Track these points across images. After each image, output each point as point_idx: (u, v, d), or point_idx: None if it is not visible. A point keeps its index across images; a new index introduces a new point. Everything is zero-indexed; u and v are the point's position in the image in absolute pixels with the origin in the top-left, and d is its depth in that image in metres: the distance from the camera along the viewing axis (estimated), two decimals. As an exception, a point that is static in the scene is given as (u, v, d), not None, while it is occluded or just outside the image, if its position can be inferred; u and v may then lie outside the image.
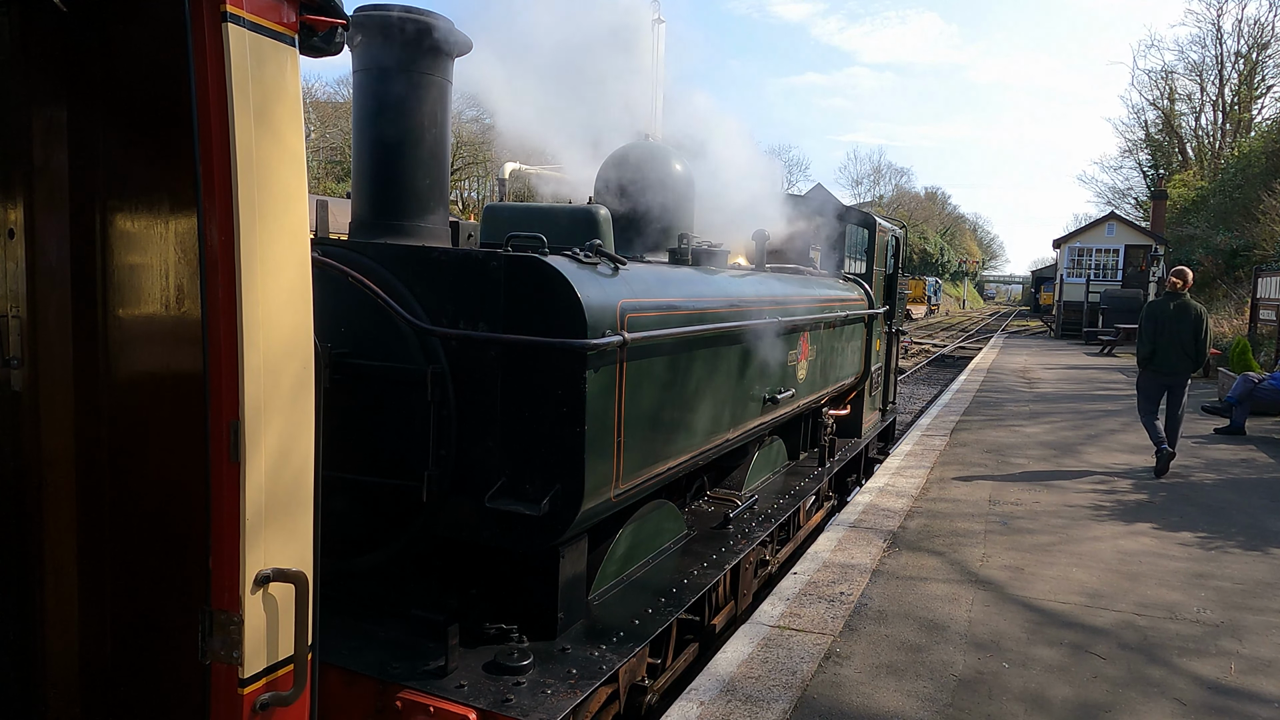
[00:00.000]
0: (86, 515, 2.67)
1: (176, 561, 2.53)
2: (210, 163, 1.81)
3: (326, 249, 3.24)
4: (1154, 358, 8.41)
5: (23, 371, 2.54)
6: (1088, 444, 10.21)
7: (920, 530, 6.49)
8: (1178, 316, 8.27)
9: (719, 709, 3.69)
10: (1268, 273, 17.71)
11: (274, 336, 1.92)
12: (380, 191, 3.48)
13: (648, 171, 4.79)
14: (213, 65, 1.78)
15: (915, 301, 49.34)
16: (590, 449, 3.05)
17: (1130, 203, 49.95)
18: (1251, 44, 40.61)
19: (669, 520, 4.45)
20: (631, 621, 3.51)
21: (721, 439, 4.43)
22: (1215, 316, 22.08)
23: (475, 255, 3.15)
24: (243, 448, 1.85)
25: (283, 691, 2.00)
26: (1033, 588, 5.36)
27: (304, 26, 1.96)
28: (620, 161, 4.87)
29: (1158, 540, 6.47)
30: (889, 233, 8.90)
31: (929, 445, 9.90)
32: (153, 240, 2.60)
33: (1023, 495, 7.69)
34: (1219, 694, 4.05)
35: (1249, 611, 5.09)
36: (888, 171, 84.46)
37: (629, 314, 3.27)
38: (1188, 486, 8.23)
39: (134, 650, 2.70)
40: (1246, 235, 26.28)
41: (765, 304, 4.87)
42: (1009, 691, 4.00)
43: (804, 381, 5.76)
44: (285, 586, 1.98)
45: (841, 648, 4.38)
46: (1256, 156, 31.18)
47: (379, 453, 3.23)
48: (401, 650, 3.09)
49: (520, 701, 2.82)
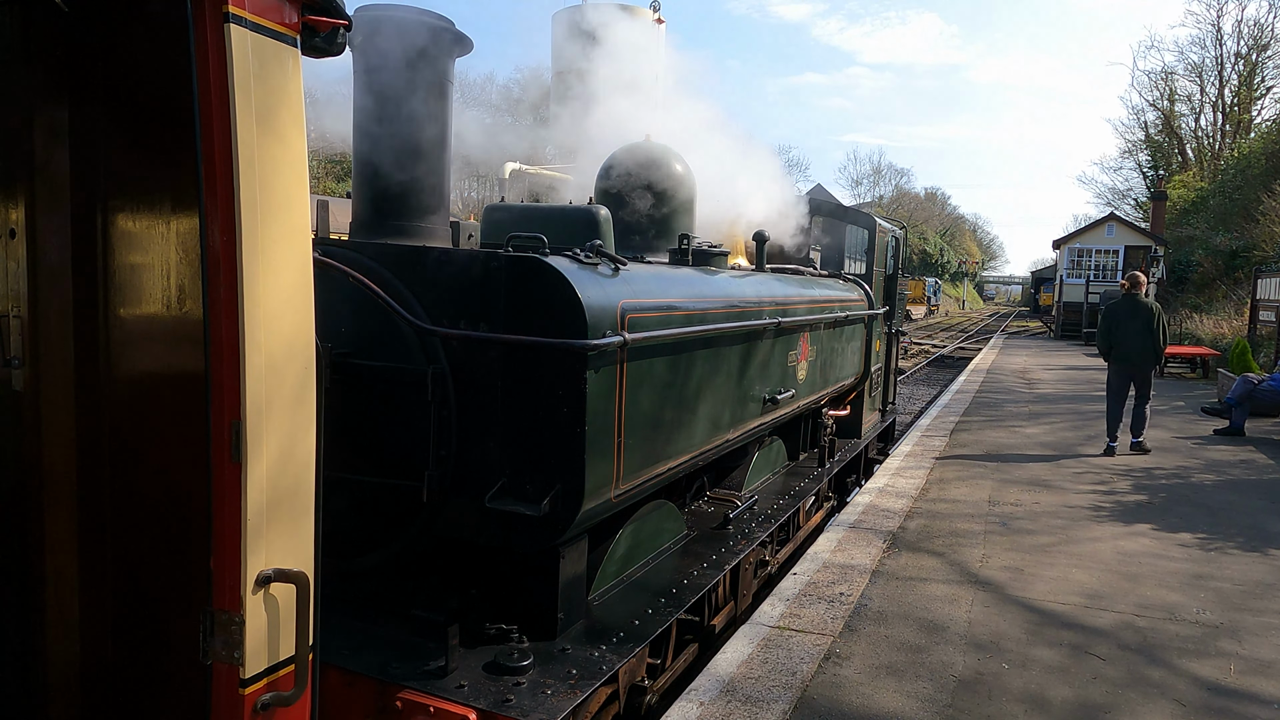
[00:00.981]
0: (87, 515, 2.67)
1: (177, 561, 2.53)
2: (212, 163, 1.81)
3: (327, 249, 3.24)
4: (1113, 352, 9.35)
5: (24, 371, 2.54)
6: (1087, 445, 10.21)
7: (920, 531, 6.49)
8: (1133, 314, 9.19)
9: (719, 709, 3.69)
10: (1267, 274, 17.71)
11: (276, 336, 1.92)
12: (381, 192, 3.48)
13: (648, 172, 4.79)
14: (215, 65, 1.78)
15: (915, 302, 49.37)
16: (590, 449, 3.05)
17: (1130, 203, 49.97)
18: (1251, 45, 40.65)
19: (669, 520, 4.45)
20: (631, 622, 3.51)
21: (721, 439, 4.43)
22: (1214, 318, 22.16)
23: (476, 255, 3.16)
24: (244, 448, 1.86)
25: (284, 691, 2.00)
26: (1032, 588, 5.36)
27: (306, 27, 1.96)
28: (621, 162, 4.88)
29: (1157, 541, 6.47)
30: (889, 233, 8.90)
31: (928, 446, 9.90)
32: (154, 240, 2.60)
33: (1022, 496, 7.69)
34: (1219, 695, 4.06)
35: (1248, 612, 5.09)
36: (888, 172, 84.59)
37: (629, 314, 3.27)
38: (1187, 487, 8.24)
39: (135, 650, 2.70)
40: (1246, 236, 26.30)
41: (765, 304, 4.87)
42: (1009, 692, 4.00)
43: (804, 382, 5.76)
44: (286, 587, 1.98)
45: (841, 648, 4.38)
46: (1256, 158, 31.21)
47: (380, 453, 3.24)
48: (402, 650, 3.09)
49: (520, 702, 2.82)
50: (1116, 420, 9.49)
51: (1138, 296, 9.29)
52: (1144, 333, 9.09)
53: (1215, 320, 21.99)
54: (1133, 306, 9.22)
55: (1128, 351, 9.22)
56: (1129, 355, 9.23)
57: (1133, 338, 9.14)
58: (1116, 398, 9.47)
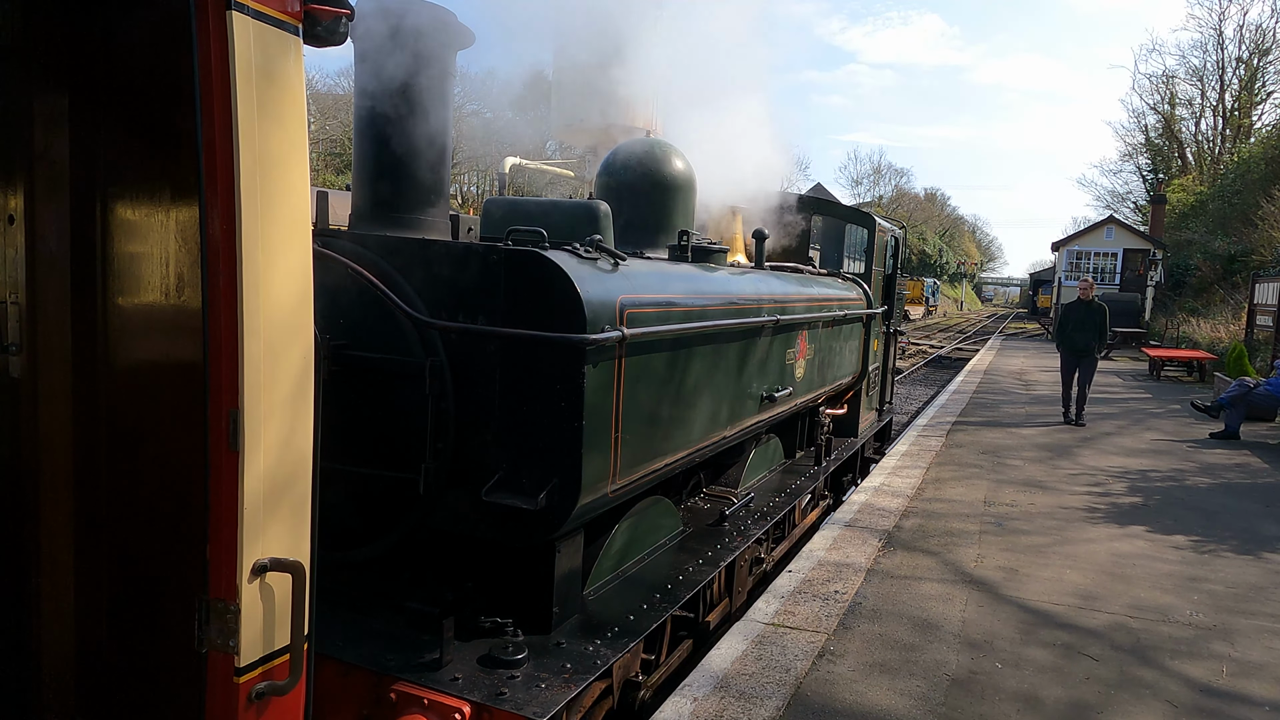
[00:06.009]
0: (83, 502, 2.66)
1: (174, 550, 2.52)
2: (213, 151, 1.81)
3: (326, 240, 3.23)
4: (1065, 341, 11.98)
5: (21, 358, 2.54)
6: (1083, 446, 10.23)
7: (915, 530, 6.51)
8: (1086, 312, 11.80)
9: (712, 705, 3.70)
10: (1265, 278, 17.74)
11: (275, 326, 1.92)
12: (380, 184, 3.47)
13: (648, 167, 4.79)
14: (216, 53, 1.78)
15: (913, 302, 49.39)
16: (588, 444, 3.05)
17: (1129, 206, 50.07)
18: (1253, 49, 40.68)
19: (665, 517, 4.45)
20: (626, 617, 3.51)
21: (719, 436, 4.44)
22: (1212, 322, 22.24)
23: (475, 249, 3.15)
24: (242, 437, 1.85)
25: (278, 681, 2.00)
26: (1026, 589, 5.38)
27: (308, 16, 1.95)
28: (621, 157, 4.87)
29: (1151, 543, 6.49)
30: (888, 233, 8.90)
31: (925, 446, 9.91)
32: (153, 228, 2.60)
33: (1018, 496, 7.71)
34: (1210, 696, 4.07)
35: (1241, 615, 5.11)
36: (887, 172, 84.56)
37: (628, 310, 3.27)
38: (1182, 490, 8.26)
39: (130, 638, 2.70)
40: (1245, 241, 26.35)
41: (764, 302, 4.87)
42: (1001, 691, 4.01)
43: (801, 380, 5.76)
44: (283, 576, 1.98)
45: (835, 646, 4.39)
46: (1256, 162, 31.25)
47: (376, 444, 3.23)
48: (396, 643, 3.09)
49: (514, 695, 2.82)
50: (1070, 397, 12.06)
51: (1092, 300, 11.80)
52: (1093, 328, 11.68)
53: (1212, 324, 22.05)
54: (1087, 307, 11.74)
55: (1078, 342, 11.76)
56: (1079, 346, 11.76)
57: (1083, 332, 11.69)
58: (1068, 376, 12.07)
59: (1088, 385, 11.96)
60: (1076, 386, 11.91)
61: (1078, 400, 11.94)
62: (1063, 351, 12.07)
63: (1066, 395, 12.10)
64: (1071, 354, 11.87)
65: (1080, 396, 11.93)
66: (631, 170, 4.77)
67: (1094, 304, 11.77)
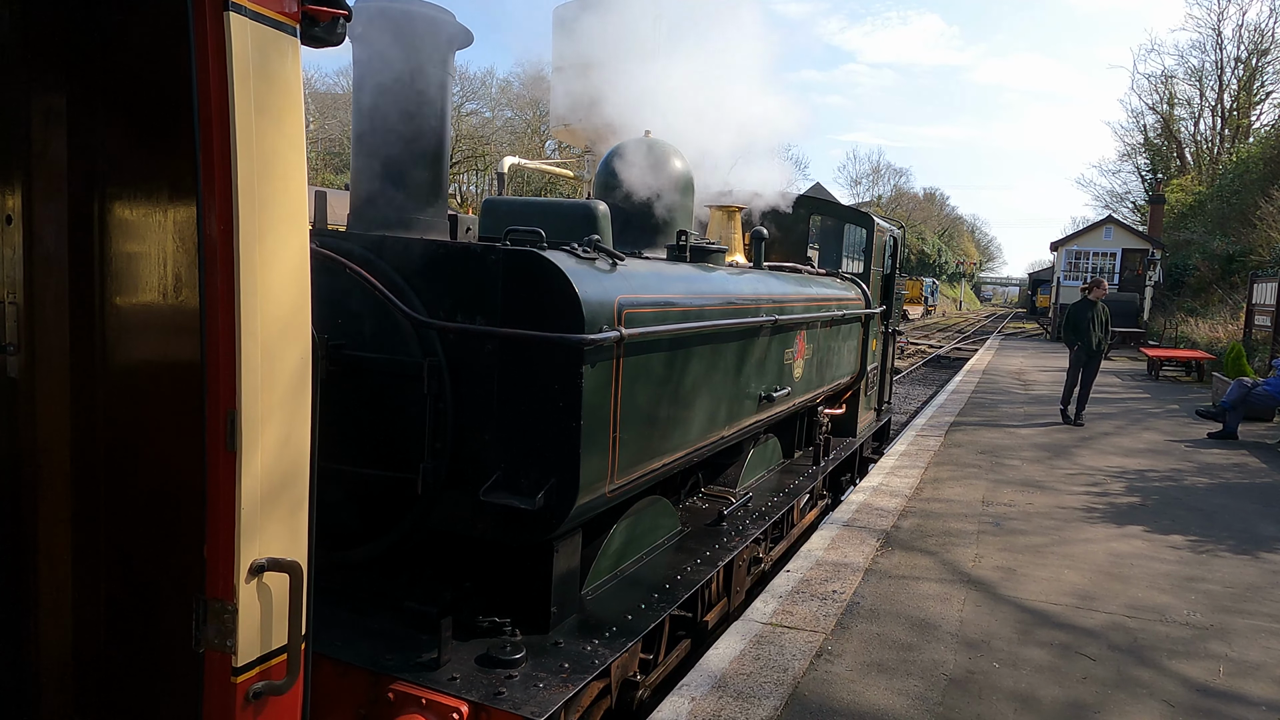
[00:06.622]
0: (81, 502, 2.66)
1: (171, 549, 2.53)
2: (210, 152, 1.81)
3: (324, 240, 3.23)
4: (1082, 339, 11.97)
5: (19, 358, 2.54)
6: (1081, 446, 10.24)
7: (913, 530, 6.51)
8: (1091, 315, 11.97)
9: (710, 705, 3.71)
10: (1263, 278, 17.74)
11: (272, 326, 1.92)
12: (379, 184, 3.47)
13: (647, 168, 4.79)
14: (214, 54, 1.78)
15: (912, 302, 49.41)
16: (586, 444, 3.05)
17: (1128, 206, 50.10)
18: (1251, 50, 40.70)
19: (663, 516, 4.46)
20: (624, 617, 3.51)
21: (717, 436, 4.44)
22: (1210, 322, 22.25)
23: (473, 249, 3.15)
24: (240, 437, 1.85)
25: (276, 680, 2.00)
26: (1024, 588, 5.39)
27: (306, 16, 1.95)
28: (619, 157, 4.87)
29: (1149, 543, 6.50)
30: (887, 233, 8.90)
31: (923, 445, 9.92)
32: (151, 229, 2.60)
33: (1016, 496, 7.71)
34: (1207, 696, 4.08)
35: (1238, 615, 5.11)
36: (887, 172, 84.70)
37: (626, 310, 3.27)
38: (1180, 490, 8.27)
39: (128, 638, 2.70)
40: (1243, 241, 26.37)
41: (763, 302, 4.88)
42: (999, 691, 4.02)
43: (800, 380, 5.76)
44: (280, 576, 1.98)
45: (833, 645, 4.40)
46: (1254, 162, 31.29)
47: (374, 444, 3.23)
48: (394, 642, 3.09)
49: (512, 694, 2.83)
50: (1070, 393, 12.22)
51: (1096, 303, 12.01)
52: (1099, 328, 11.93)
53: (1211, 324, 22.06)
54: (1091, 309, 11.98)
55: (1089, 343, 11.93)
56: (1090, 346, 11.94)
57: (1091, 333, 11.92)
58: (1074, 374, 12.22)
59: (1091, 385, 12.10)
60: (1080, 386, 12.00)
61: (1079, 400, 12.04)
62: (1078, 350, 12.08)
63: (1068, 394, 12.18)
64: (1087, 353, 11.98)
65: (1082, 396, 12.05)
66: (630, 170, 4.77)
67: (1099, 305, 12.03)
